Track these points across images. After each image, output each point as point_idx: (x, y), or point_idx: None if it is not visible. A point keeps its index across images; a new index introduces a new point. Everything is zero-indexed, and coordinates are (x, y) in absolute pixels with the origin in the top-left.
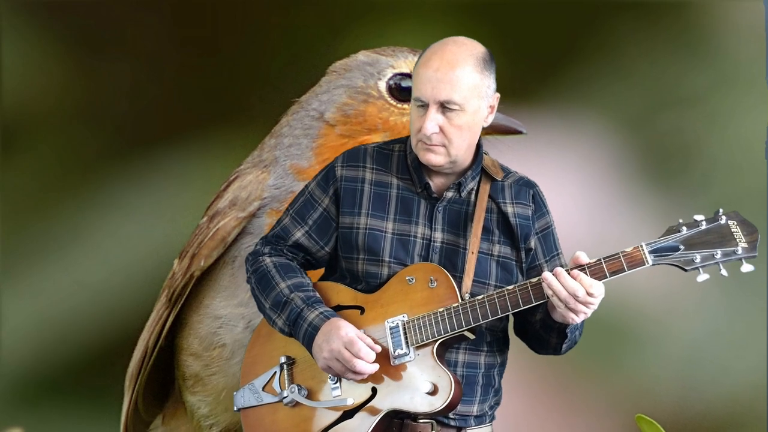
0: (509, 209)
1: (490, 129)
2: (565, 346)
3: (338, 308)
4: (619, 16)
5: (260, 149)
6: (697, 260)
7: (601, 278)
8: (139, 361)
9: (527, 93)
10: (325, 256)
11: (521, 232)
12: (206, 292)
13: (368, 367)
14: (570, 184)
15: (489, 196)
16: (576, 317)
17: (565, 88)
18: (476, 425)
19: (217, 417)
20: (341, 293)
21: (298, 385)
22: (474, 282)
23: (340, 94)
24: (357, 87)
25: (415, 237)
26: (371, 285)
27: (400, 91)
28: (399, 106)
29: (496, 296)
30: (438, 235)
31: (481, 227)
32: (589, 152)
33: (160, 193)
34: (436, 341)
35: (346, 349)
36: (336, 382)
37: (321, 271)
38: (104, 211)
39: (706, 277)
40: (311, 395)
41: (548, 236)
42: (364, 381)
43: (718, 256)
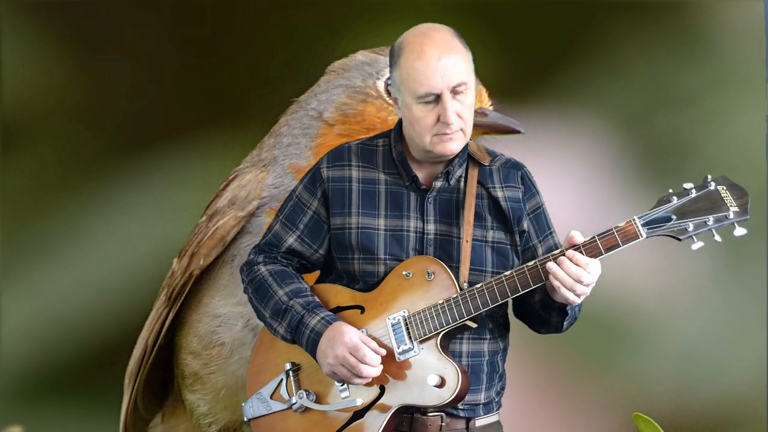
0: (499, 193)
1: (489, 128)
2: (566, 323)
3: (338, 309)
4: (617, 16)
5: (259, 149)
6: (690, 228)
7: (596, 255)
8: (138, 360)
9: (525, 92)
10: (320, 259)
11: (513, 215)
12: (205, 291)
13: (374, 371)
14: (568, 183)
15: (478, 182)
16: (577, 299)
17: (562, 87)
18: (484, 414)
19: (216, 415)
20: (339, 294)
21: (306, 391)
22: (471, 270)
23: (338, 94)
24: (355, 87)
25: (408, 231)
26: (369, 283)
27: None
28: None
29: (494, 283)
30: (431, 227)
31: (473, 214)
32: (587, 151)
33: (160, 192)
34: (439, 333)
35: (352, 354)
36: (343, 384)
37: (317, 274)
38: (104, 210)
39: (700, 244)
40: (320, 399)
41: (539, 216)
42: (372, 381)
43: (711, 223)
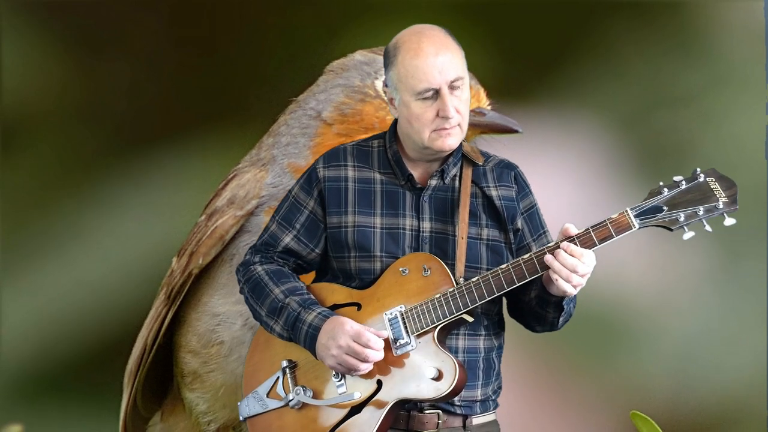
0: (493, 192)
1: (486, 128)
2: (561, 319)
3: (334, 307)
4: (614, 16)
5: (258, 148)
6: (682, 219)
7: (591, 247)
8: (137, 358)
9: (523, 92)
10: (316, 258)
11: (507, 213)
12: (204, 290)
13: (379, 354)
14: (566, 181)
15: (472, 182)
16: (573, 290)
17: (560, 87)
18: (481, 412)
19: (215, 413)
20: (336, 292)
21: (303, 387)
22: (466, 267)
23: (337, 94)
24: (354, 86)
25: (404, 229)
26: (365, 281)
27: None
28: None
29: (490, 276)
30: (426, 225)
31: (468, 212)
32: (585, 151)
33: (159, 191)
34: (436, 327)
35: (356, 341)
36: (340, 379)
37: (312, 276)
38: (103, 209)
39: (691, 234)
40: (316, 395)
41: (533, 215)
42: (369, 375)
43: (701, 213)
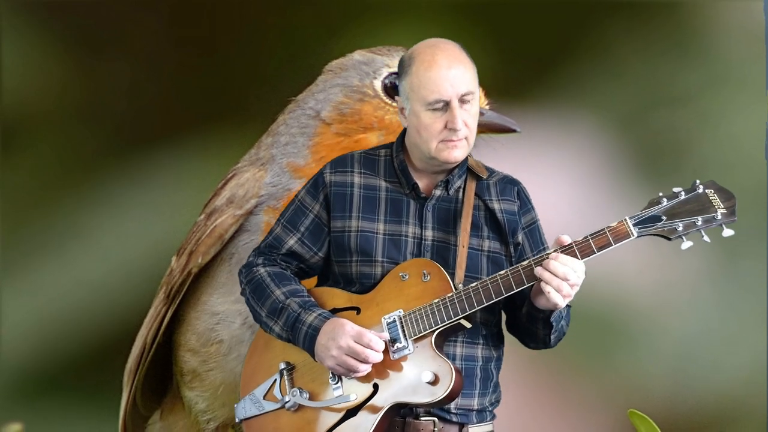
0: (496, 206)
1: (485, 127)
2: (553, 337)
3: (334, 311)
4: (612, 16)
5: (257, 147)
6: (680, 228)
7: (589, 254)
8: (137, 357)
9: (521, 92)
10: (319, 262)
11: (509, 227)
12: (204, 289)
13: (379, 356)
14: (563, 182)
15: (475, 194)
16: (563, 301)
17: (558, 87)
18: (477, 422)
19: (214, 412)
20: (336, 297)
21: (300, 388)
22: (466, 276)
23: (336, 93)
24: (353, 86)
25: (407, 236)
26: (365, 285)
27: (395, 90)
28: (394, 104)
29: (489, 282)
30: (429, 234)
31: (470, 223)
32: (583, 150)
33: (159, 190)
34: (434, 332)
35: (356, 342)
36: (337, 381)
37: (314, 281)
38: (103, 208)
39: (689, 244)
40: (313, 397)
41: (534, 231)
42: (366, 378)
43: (700, 223)
